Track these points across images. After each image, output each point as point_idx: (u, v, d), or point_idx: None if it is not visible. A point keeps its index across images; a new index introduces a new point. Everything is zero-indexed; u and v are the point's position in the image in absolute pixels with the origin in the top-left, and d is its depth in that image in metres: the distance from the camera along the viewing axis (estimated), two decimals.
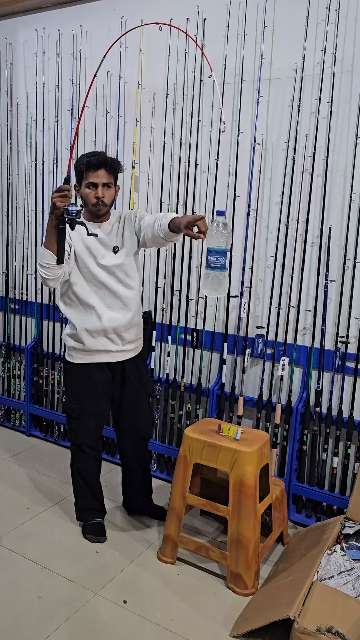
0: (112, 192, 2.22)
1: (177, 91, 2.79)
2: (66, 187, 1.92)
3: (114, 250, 2.23)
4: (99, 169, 2.15)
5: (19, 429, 3.53)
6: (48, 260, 2.04)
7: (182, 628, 1.90)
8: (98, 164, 2.14)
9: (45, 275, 2.09)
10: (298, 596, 1.80)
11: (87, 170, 2.15)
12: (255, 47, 2.55)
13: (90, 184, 2.16)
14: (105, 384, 2.32)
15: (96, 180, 2.15)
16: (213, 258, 1.96)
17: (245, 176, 2.65)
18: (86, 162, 2.15)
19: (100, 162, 2.14)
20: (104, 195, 2.16)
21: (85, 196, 2.19)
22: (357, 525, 2.20)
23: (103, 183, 2.16)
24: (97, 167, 2.14)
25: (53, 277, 2.10)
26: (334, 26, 2.36)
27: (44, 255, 2.05)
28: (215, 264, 1.97)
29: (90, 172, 2.15)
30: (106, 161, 2.16)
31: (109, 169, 2.17)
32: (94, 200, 2.17)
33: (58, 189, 1.91)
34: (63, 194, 1.91)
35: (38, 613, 1.94)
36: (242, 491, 2.07)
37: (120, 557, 2.28)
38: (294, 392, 2.64)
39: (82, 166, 2.16)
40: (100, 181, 2.15)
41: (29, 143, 3.34)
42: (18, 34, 3.31)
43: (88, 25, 3.03)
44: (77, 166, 2.19)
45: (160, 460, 3.00)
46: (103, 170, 2.15)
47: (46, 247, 2.03)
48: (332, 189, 2.46)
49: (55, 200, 1.91)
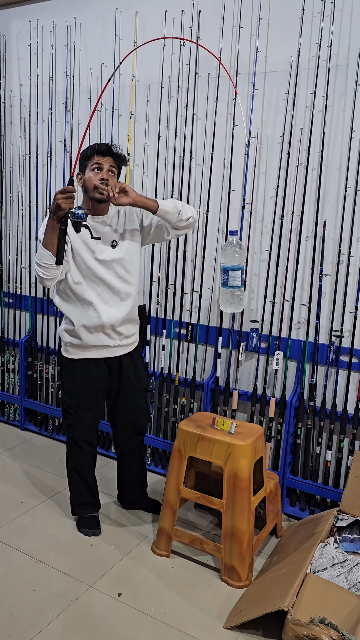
0: (115, 181, 2.20)
1: (172, 84, 2.77)
2: (71, 188, 1.89)
3: (112, 245, 2.22)
4: (106, 156, 2.16)
5: (13, 423, 3.52)
6: (47, 260, 2.02)
7: (176, 620, 1.91)
8: (106, 151, 2.16)
9: (43, 275, 2.07)
10: (292, 588, 1.81)
11: (93, 155, 2.15)
12: (250, 40, 2.54)
13: (96, 165, 2.14)
14: (102, 379, 2.32)
15: (102, 162, 2.15)
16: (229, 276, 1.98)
17: (240, 170, 2.64)
18: (94, 147, 2.16)
19: (109, 149, 2.17)
20: (108, 179, 2.15)
21: (88, 180, 2.16)
22: (351, 517, 2.22)
23: (109, 166, 2.16)
24: (104, 154, 2.16)
25: (51, 277, 2.08)
26: (329, 19, 2.36)
27: (43, 255, 2.02)
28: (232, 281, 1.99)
29: (97, 156, 2.15)
30: (112, 151, 2.18)
31: (115, 159, 2.19)
32: (98, 182, 2.13)
33: (63, 190, 1.88)
34: (68, 195, 1.88)
35: (33, 606, 1.95)
36: (237, 484, 2.08)
37: (114, 550, 2.28)
38: (288, 386, 2.65)
39: (89, 151, 2.16)
40: (107, 164, 2.15)
41: (23, 136, 3.32)
42: (11, 25, 3.28)
43: (82, 16, 3.01)
44: (83, 153, 2.18)
45: (154, 454, 3.01)
46: (110, 157, 2.17)
47: (45, 247, 2.00)
48: (327, 183, 2.46)
49: (60, 202, 1.88)
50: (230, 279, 1.97)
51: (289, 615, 1.70)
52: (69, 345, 2.28)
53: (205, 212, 2.74)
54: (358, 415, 2.46)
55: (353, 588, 1.89)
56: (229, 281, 1.98)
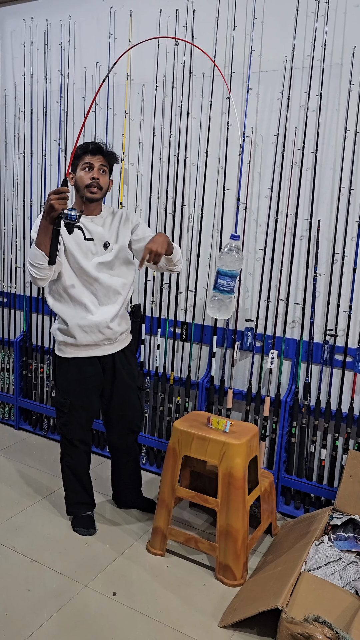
0: (107, 180, 2.20)
1: (167, 83, 2.77)
2: (65, 189, 1.87)
3: (105, 245, 2.21)
4: (96, 154, 2.16)
5: (8, 423, 3.51)
6: (40, 260, 2.01)
7: (171, 619, 1.91)
8: (96, 149, 2.15)
9: (36, 275, 2.06)
10: (286, 586, 1.82)
11: (83, 154, 2.15)
12: (244, 39, 2.54)
13: (87, 164, 2.15)
14: (96, 377, 2.31)
15: (92, 162, 2.15)
16: (223, 281, 1.94)
17: (235, 169, 2.64)
18: (84, 146, 2.16)
19: (99, 148, 2.16)
20: (99, 178, 2.15)
21: (79, 179, 2.16)
22: (345, 516, 2.23)
23: (100, 165, 2.15)
24: (94, 152, 2.15)
25: (43, 277, 2.08)
26: (323, 18, 2.36)
27: (36, 255, 2.01)
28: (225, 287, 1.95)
29: (86, 155, 2.15)
30: (103, 149, 2.18)
31: (106, 157, 2.18)
32: (89, 181, 2.14)
33: (56, 190, 1.87)
34: (62, 196, 1.86)
35: (27, 605, 1.94)
36: (231, 483, 2.08)
37: (109, 549, 2.28)
38: (282, 385, 2.65)
39: (79, 150, 2.16)
40: (97, 163, 2.15)
41: (17, 135, 3.31)
42: (5, 23, 3.27)
43: (77, 15, 3.00)
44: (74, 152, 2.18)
45: (149, 453, 3.01)
46: (100, 156, 2.17)
47: (38, 247, 2.00)
48: (321, 182, 2.47)
49: (53, 203, 1.86)
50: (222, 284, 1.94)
51: (283, 614, 1.70)
52: (62, 344, 2.28)
53: (200, 212, 2.74)
54: (352, 414, 2.47)
55: (347, 586, 1.90)
56: (221, 286, 1.94)
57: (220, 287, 1.94)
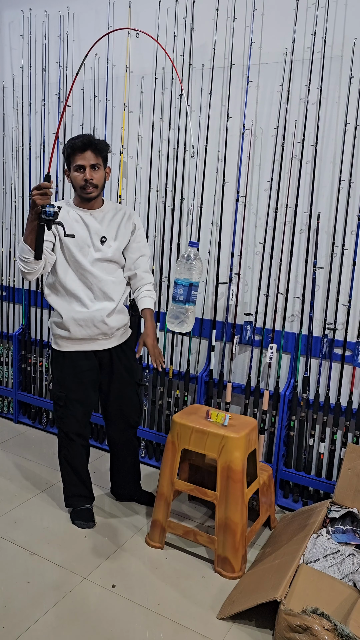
0: (102, 174, 2.18)
1: (166, 75, 2.75)
2: (46, 184, 1.85)
3: (102, 240, 2.21)
4: (85, 151, 2.11)
5: (7, 416, 3.52)
6: (26, 254, 2.01)
7: (170, 611, 1.92)
8: (83, 146, 2.11)
9: (24, 269, 2.06)
10: (284, 579, 1.82)
11: (72, 153, 2.12)
12: (244, 31, 2.53)
13: (78, 166, 2.13)
14: (92, 372, 2.31)
15: (83, 162, 2.12)
16: (177, 291, 1.87)
17: (234, 162, 2.63)
18: (71, 144, 2.12)
19: (85, 143, 2.11)
20: (92, 177, 2.13)
21: (74, 179, 2.16)
22: (343, 509, 2.23)
23: (91, 164, 2.13)
24: (82, 149, 2.11)
25: (31, 271, 2.07)
26: (324, 10, 2.34)
27: (23, 250, 2.01)
28: (179, 296, 1.87)
29: (76, 155, 2.12)
30: (91, 142, 2.12)
31: (95, 150, 2.13)
32: (82, 183, 2.14)
33: (38, 186, 1.85)
34: (43, 192, 1.85)
35: (27, 598, 1.95)
36: (230, 476, 2.08)
37: (108, 542, 2.29)
38: (281, 379, 2.66)
39: (68, 149, 2.13)
40: (88, 163, 2.12)
41: (16, 127, 3.29)
42: (3, 14, 3.25)
43: (75, 6, 2.98)
44: (64, 150, 2.16)
45: (148, 447, 3.01)
46: (89, 151, 2.12)
47: (25, 242, 1.99)
48: (321, 176, 2.46)
49: (35, 198, 1.85)
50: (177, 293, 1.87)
51: (281, 606, 1.71)
52: (58, 337, 2.28)
53: (199, 205, 2.73)
54: (351, 408, 2.48)
55: (345, 578, 1.91)
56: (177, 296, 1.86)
57: (175, 297, 1.87)
